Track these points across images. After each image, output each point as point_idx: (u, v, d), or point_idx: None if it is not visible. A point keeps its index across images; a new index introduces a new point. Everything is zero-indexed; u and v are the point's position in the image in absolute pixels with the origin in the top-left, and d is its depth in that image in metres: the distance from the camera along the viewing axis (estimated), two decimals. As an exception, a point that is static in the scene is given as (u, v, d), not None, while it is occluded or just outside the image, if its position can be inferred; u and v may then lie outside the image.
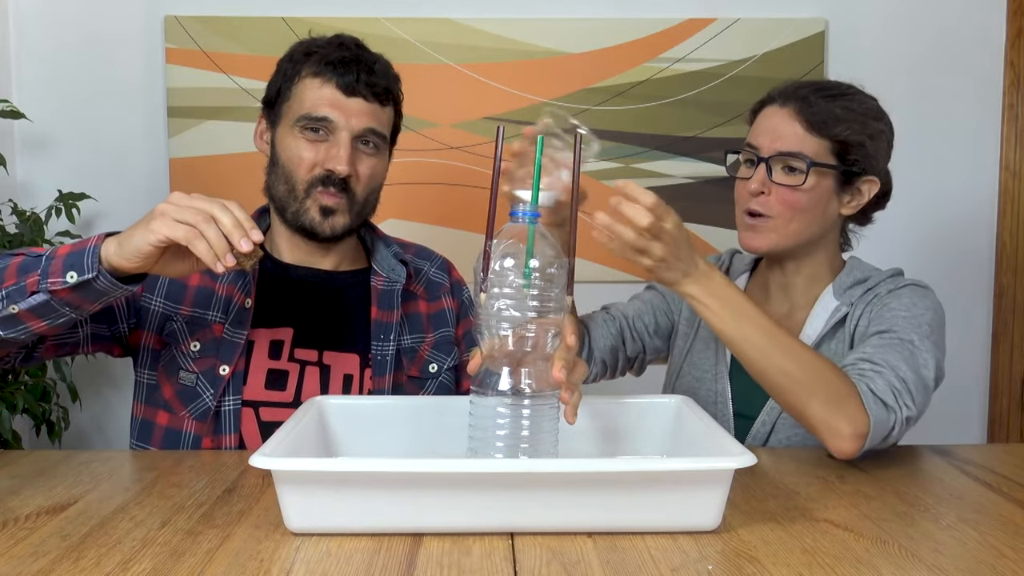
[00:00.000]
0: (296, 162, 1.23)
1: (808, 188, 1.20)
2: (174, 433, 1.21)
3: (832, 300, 1.27)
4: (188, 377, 1.21)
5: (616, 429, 1.06)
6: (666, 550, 0.79)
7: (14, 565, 0.76)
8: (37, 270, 0.99)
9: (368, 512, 0.81)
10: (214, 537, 0.82)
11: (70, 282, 0.98)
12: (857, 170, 1.22)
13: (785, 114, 1.22)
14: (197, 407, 1.20)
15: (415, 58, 2.02)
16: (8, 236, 1.82)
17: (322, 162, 1.22)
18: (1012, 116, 2.13)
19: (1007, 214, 2.15)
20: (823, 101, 1.21)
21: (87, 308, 1.04)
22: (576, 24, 2.04)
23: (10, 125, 1.98)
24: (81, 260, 0.98)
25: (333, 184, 1.23)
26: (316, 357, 1.25)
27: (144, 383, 1.25)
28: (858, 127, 1.21)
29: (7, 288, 1.00)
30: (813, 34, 2.05)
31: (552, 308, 0.89)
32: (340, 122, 1.22)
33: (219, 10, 2.01)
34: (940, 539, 0.83)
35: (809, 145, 1.20)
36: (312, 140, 1.23)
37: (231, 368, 1.20)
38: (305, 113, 1.22)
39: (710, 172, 2.07)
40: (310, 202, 1.24)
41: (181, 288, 1.24)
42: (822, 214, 1.23)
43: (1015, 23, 2.11)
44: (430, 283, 1.37)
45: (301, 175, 1.23)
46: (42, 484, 0.98)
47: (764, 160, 1.21)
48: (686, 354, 1.37)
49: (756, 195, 1.22)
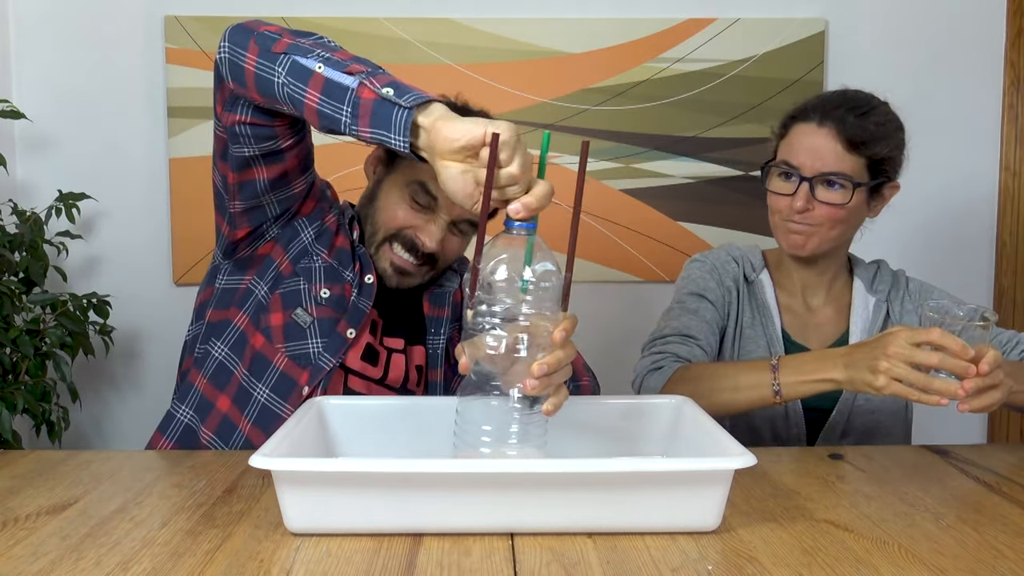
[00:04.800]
0: (391, 217, 1.26)
1: (851, 205, 1.28)
2: (262, 364, 1.21)
3: (868, 296, 1.40)
4: (304, 318, 1.23)
5: (616, 429, 1.06)
6: (666, 550, 0.79)
7: (14, 565, 0.76)
8: (364, 77, 0.90)
9: (368, 512, 0.81)
10: (214, 537, 0.82)
11: (386, 96, 0.87)
12: (885, 180, 1.32)
13: (824, 134, 1.28)
14: (297, 348, 1.22)
15: (415, 58, 2.02)
16: (8, 236, 1.82)
17: (413, 229, 1.25)
18: (1012, 116, 2.13)
19: (1007, 214, 2.15)
20: (857, 120, 1.28)
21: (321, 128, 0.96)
22: (576, 24, 2.04)
23: (10, 125, 1.98)
24: (389, 119, 0.87)
25: (415, 252, 1.26)
26: (401, 345, 1.30)
27: (256, 300, 1.24)
28: (891, 142, 1.30)
29: (344, 59, 0.93)
30: (813, 34, 2.05)
31: (545, 319, 0.87)
32: (444, 203, 1.24)
33: (219, 10, 2.01)
34: (940, 539, 0.83)
35: (848, 164, 1.27)
36: (414, 208, 1.25)
37: (358, 333, 1.23)
38: (419, 179, 1.23)
39: (710, 172, 2.07)
40: (384, 252, 1.27)
41: (329, 236, 1.27)
42: (856, 222, 1.35)
43: (1015, 23, 2.11)
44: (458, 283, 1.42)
45: (389, 227, 1.26)
46: (42, 484, 0.98)
47: (807, 180, 1.28)
48: (736, 355, 1.39)
49: (801, 212, 1.29)
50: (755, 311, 1.40)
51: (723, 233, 2.08)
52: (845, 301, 1.42)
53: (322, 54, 0.95)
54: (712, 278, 1.41)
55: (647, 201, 2.07)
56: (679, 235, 2.08)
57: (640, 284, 2.10)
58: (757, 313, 1.40)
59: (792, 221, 1.31)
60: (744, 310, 1.40)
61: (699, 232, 2.08)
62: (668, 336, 1.36)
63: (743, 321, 1.39)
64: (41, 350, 1.80)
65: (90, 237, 2.06)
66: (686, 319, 1.37)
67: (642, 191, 2.07)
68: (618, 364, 2.11)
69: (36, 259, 1.85)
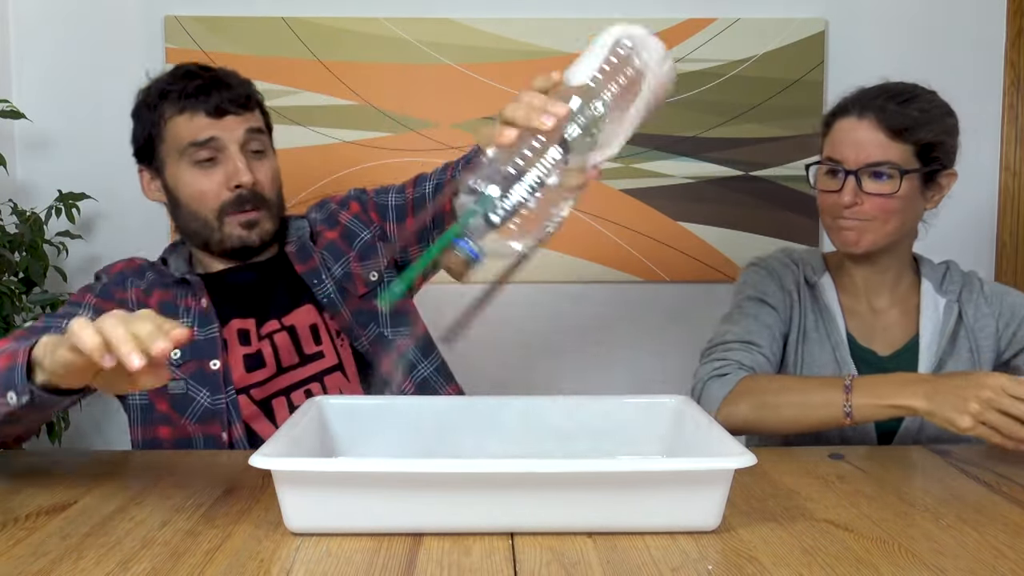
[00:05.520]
0: (199, 196, 1.26)
1: (901, 194, 1.24)
2: (184, 442, 1.22)
3: (937, 297, 1.36)
4: (177, 385, 1.22)
5: (616, 429, 1.06)
6: (666, 550, 0.79)
7: (14, 565, 0.76)
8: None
9: (368, 512, 0.81)
10: (214, 537, 0.82)
11: (11, 404, 0.89)
12: (938, 167, 1.27)
13: (866, 125, 1.25)
14: (195, 410, 1.21)
15: (415, 58, 2.02)
16: (8, 236, 1.82)
17: (224, 183, 1.25)
18: (1012, 116, 2.13)
19: (1007, 214, 2.15)
20: (899, 107, 1.25)
21: (49, 413, 0.98)
22: (576, 24, 2.04)
23: (10, 125, 1.98)
24: (12, 378, 0.89)
25: (244, 202, 1.26)
26: (278, 325, 1.28)
27: (137, 406, 1.24)
28: (937, 127, 1.26)
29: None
30: (813, 34, 2.05)
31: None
32: (224, 136, 1.25)
33: (219, 10, 2.01)
34: (940, 539, 0.83)
35: (894, 152, 1.24)
36: (205, 170, 1.25)
37: (221, 362, 1.22)
38: (188, 141, 1.24)
39: (710, 172, 2.07)
40: (228, 227, 1.27)
41: (145, 306, 1.24)
42: (913, 213, 1.30)
43: (1015, 23, 2.11)
44: (328, 216, 1.39)
45: (209, 206, 1.26)
46: (42, 484, 0.98)
47: (852, 173, 1.25)
48: (800, 364, 1.36)
49: (850, 207, 1.26)
50: (818, 315, 1.36)
51: (723, 233, 2.08)
52: (913, 303, 1.37)
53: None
54: (772, 282, 1.37)
55: (647, 201, 2.07)
56: (679, 235, 2.08)
57: (640, 284, 2.10)
58: (820, 317, 1.36)
59: (842, 218, 1.28)
60: (807, 314, 1.36)
61: (699, 232, 2.08)
62: (730, 343, 1.30)
63: (806, 325, 1.36)
64: (41, 350, 1.80)
65: (90, 237, 2.06)
66: (748, 324, 1.33)
67: (642, 191, 2.07)
68: (618, 364, 2.11)
69: (36, 259, 1.85)
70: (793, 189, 2.07)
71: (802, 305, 1.37)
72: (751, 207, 2.07)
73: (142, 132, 1.31)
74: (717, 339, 1.33)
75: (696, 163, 2.07)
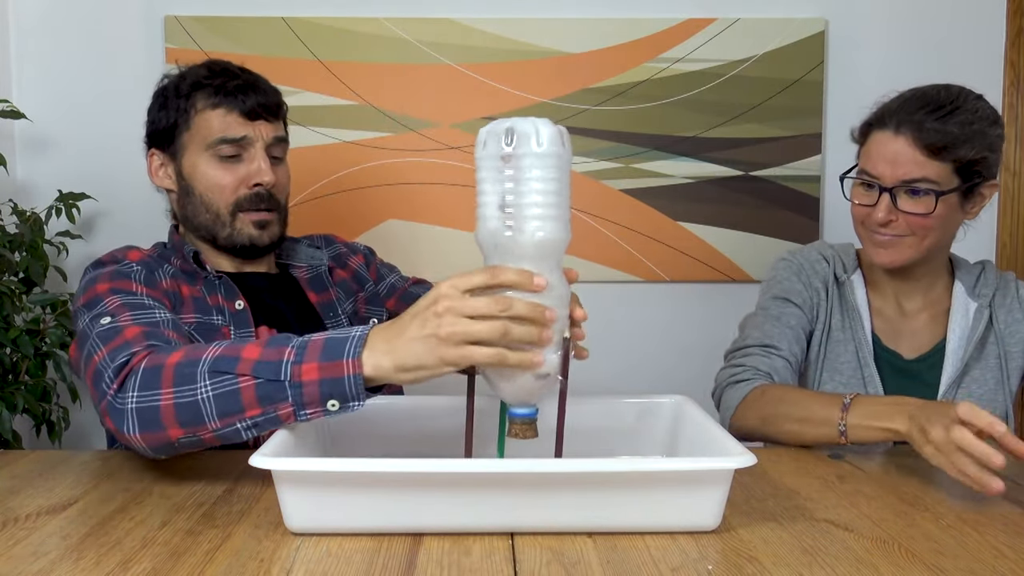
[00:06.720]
0: (217, 189, 1.27)
1: (938, 213, 1.22)
2: None
3: (968, 301, 1.34)
4: None
5: (616, 429, 1.06)
6: (666, 550, 0.79)
7: (14, 565, 0.76)
8: (286, 399, 0.89)
9: (368, 512, 0.81)
10: (214, 537, 0.82)
11: (331, 411, 0.89)
12: (979, 181, 1.24)
13: (902, 142, 1.21)
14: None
15: (415, 58, 2.02)
16: (8, 236, 1.82)
17: (244, 180, 1.27)
18: (1012, 116, 2.13)
19: (1007, 214, 2.15)
20: (937, 123, 1.20)
21: None
22: (576, 24, 2.04)
23: (10, 125, 1.98)
24: (343, 388, 0.88)
25: (260, 201, 1.28)
26: None
27: None
28: (979, 142, 1.22)
29: (254, 418, 0.90)
30: (813, 34, 2.05)
31: None
32: (253, 136, 1.27)
33: (219, 10, 2.01)
34: (940, 539, 0.83)
35: (932, 170, 1.21)
36: (228, 165, 1.27)
37: None
38: (220, 136, 1.25)
39: (710, 172, 2.07)
40: (240, 223, 1.28)
41: (179, 297, 1.25)
42: (951, 227, 1.28)
43: (1015, 23, 2.11)
44: (337, 255, 1.46)
45: (225, 199, 1.27)
46: (42, 484, 0.98)
47: (887, 190, 1.22)
48: (822, 361, 1.36)
49: (884, 224, 1.24)
50: (844, 313, 1.35)
51: (723, 233, 2.07)
52: (944, 306, 1.35)
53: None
54: (799, 279, 1.36)
55: (647, 201, 2.07)
56: (679, 235, 2.08)
57: (640, 284, 2.10)
58: (846, 316, 1.35)
59: (877, 233, 1.26)
60: (833, 312, 1.35)
61: (699, 232, 2.08)
62: (749, 347, 1.31)
63: (832, 323, 1.35)
64: (41, 350, 1.80)
65: (90, 237, 2.06)
66: (769, 327, 1.33)
67: (642, 191, 2.07)
68: (618, 364, 2.11)
69: (36, 259, 1.85)
70: (793, 189, 2.07)
71: (829, 303, 1.35)
72: (751, 207, 2.07)
73: (166, 117, 1.30)
74: (739, 342, 1.35)
75: (696, 163, 2.07)
